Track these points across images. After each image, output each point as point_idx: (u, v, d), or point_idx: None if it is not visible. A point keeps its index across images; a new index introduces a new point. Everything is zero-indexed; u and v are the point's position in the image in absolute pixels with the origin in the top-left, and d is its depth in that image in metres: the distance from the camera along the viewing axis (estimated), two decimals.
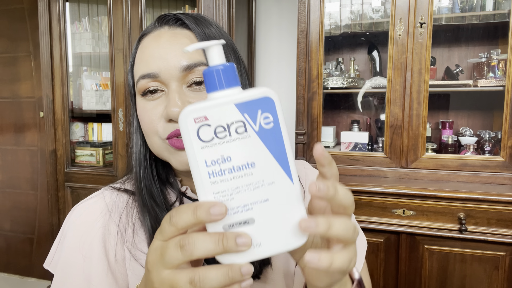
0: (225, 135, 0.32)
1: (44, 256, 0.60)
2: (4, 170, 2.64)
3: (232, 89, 0.33)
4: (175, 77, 0.52)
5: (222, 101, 0.32)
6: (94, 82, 2.16)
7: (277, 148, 0.32)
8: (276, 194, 0.32)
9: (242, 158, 0.32)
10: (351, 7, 1.78)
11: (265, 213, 0.32)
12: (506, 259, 1.35)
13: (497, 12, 1.58)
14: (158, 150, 0.55)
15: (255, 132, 0.32)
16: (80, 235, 0.57)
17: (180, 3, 2.06)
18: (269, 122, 0.32)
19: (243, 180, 0.32)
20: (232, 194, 0.32)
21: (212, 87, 0.33)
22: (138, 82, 0.54)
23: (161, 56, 0.52)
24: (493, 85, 1.53)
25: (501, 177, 1.48)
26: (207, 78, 0.33)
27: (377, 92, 1.78)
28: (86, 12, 2.19)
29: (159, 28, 0.55)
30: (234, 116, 0.31)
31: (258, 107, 0.31)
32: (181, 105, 0.51)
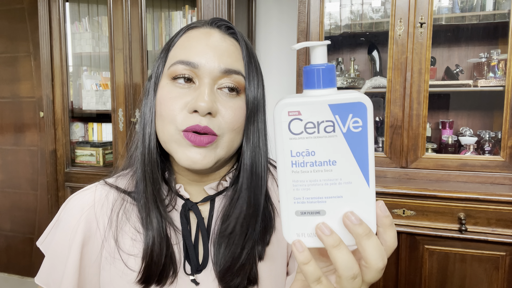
0: (314, 131, 0.34)
1: (44, 256, 0.61)
2: (4, 170, 2.64)
3: (328, 89, 0.34)
4: (212, 75, 0.53)
5: (317, 99, 0.34)
6: (94, 82, 2.16)
7: (361, 151, 0.34)
8: (351, 193, 0.34)
9: (325, 155, 0.34)
10: (351, 7, 1.78)
11: (336, 208, 0.35)
12: (506, 259, 1.35)
13: (497, 12, 1.58)
14: (168, 139, 0.54)
15: (343, 133, 0.34)
16: (67, 229, 0.59)
17: (180, 3, 2.06)
18: (358, 126, 0.33)
19: (322, 174, 0.34)
20: (309, 186, 0.35)
21: (310, 84, 0.34)
22: (174, 66, 0.54)
23: (206, 52, 0.53)
24: (493, 85, 1.53)
25: (501, 177, 1.48)
26: (307, 75, 0.35)
27: (377, 92, 1.78)
28: (86, 12, 2.19)
29: (210, 27, 0.57)
30: (326, 115, 0.33)
31: (350, 111, 0.33)
32: (209, 101, 0.51)
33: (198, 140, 0.52)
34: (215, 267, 0.56)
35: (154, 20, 2.06)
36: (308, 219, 0.35)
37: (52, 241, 0.60)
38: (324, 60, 0.35)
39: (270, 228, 0.59)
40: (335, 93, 0.34)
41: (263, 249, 0.58)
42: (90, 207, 0.60)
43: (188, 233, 0.58)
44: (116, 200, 0.61)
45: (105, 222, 0.59)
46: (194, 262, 0.57)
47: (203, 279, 0.57)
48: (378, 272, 0.34)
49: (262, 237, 0.58)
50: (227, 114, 0.54)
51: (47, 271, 0.59)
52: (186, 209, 0.59)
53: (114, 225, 0.58)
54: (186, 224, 0.59)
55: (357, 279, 0.34)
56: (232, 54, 0.55)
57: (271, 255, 0.59)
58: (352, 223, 0.34)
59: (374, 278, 0.35)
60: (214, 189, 0.60)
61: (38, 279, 0.60)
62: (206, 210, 0.61)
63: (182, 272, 0.57)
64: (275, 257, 0.60)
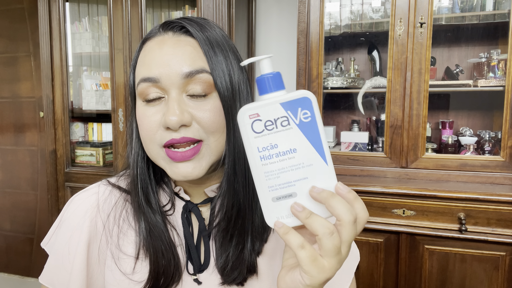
0: (273, 128, 0.40)
1: (44, 256, 0.61)
2: (4, 170, 2.64)
3: (279, 91, 0.41)
4: (176, 84, 0.51)
5: (270, 101, 0.40)
6: (94, 82, 2.16)
7: (314, 137, 0.40)
8: (313, 173, 0.40)
9: (286, 145, 0.40)
10: (351, 7, 1.78)
11: (305, 189, 0.40)
12: (506, 259, 1.35)
13: (497, 12, 1.58)
14: (155, 157, 0.55)
15: (296, 124, 0.40)
16: (72, 229, 0.59)
17: (180, 3, 2.06)
18: (307, 116, 0.39)
19: (287, 162, 0.40)
20: (279, 174, 0.40)
21: (263, 90, 0.41)
22: (139, 85, 0.53)
23: (163, 62, 0.52)
24: (493, 85, 1.54)
25: (501, 177, 1.48)
26: (259, 83, 0.41)
27: (377, 92, 1.78)
28: (86, 12, 2.19)
29: (163, 33, 0.55)
30: (280, 112, 0.40)
31: (299, 105, 0.39)
32: (180, 113, 0.50)
33: (181, 156, 0.51)
34: (215, 263, 0.57)
35: (154, 20, 2.06)
36: (283, 202, 0.41)
37: (56, 241, 0.60)
38: (270, 69, 0.41)
39: (269, 226, 0.60)
40: (284, 93, 0.40)
41: (261, 245, 0.58)
42: (94, 207, 0.60)
43: (190, 235, 0.59)
44: (117, 200, 0.61)
45: (110, 222, 0.59)
46: (196, 262, 0.58)
47: (205, 279, 0.58)
48: (351, 226, 0.38)
49: (261, 234, 0.58)
50: (204, 118, 0.52)
51: (52, 270, 0.60)
52: (187, 210, 0.60)
53: (117, 226, 0.59)
54: (188, 226, 0.59)
55: (334, 235, 0.38)
56: (190, 54, 0.52)
57: (270, 251, 0.60)
58: (316, 192, 0.39)
59: (350, 234, 0.38)
60: (214, 191, 0.60)
61: (43, 279, 0.60)
62: (206, 211, 0.61)
63: (186, 273, 0.58)
64: (274, 254, 0.60)
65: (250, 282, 0.58)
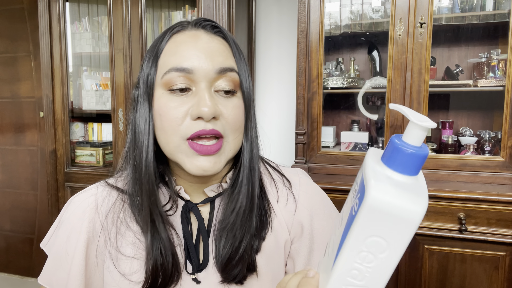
0: (355, 185, 0.35)
1: (44, 256, 0.61)
2: (4, 170, 2.64)
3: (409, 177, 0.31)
4: (208, 78, 0.53)
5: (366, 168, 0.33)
6: (94, 82, 2.16)
7: (345, 232, 0.34)
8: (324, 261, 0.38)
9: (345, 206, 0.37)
10: (351, 7, 1.78)
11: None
12: (506, 259, 1.35)
13: (497, 12, 1.58)
14: (174, 150, 0.54)
15: (352, 205, 0.34)
16: (70, 230, 0.59)
17: (180, 3, 2.06)
18: (355, 209, 0.32)
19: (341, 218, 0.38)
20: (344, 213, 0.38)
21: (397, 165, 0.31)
22: (168, 74, 0.53)
23: (197, 55, 0.53)
24: (493, 85, 1.53)
25: (501, 177, 1.48)
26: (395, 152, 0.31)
27: (377, 92, 1.78)
28: (86, 12, 2.19)
29: (195, 29, 0.56)
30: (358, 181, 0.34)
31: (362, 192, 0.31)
32: (212, 105, 0.51)
33: (205, 150, 0.52)
34: (216, 261, 0.57)
35: (154, 20, 2.06)
36: None
37: (55, 242, 0.60)
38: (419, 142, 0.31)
39: (266, 224, 0.60)
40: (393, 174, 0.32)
41: (259, 243, 0.59)
42: (92, 208, 0.60)
43: (189, 234, 0.59)
44: (115, 201, 0.61)
45: (108, 223, 0.59)
46: (195, 261, 0.58)
47: (204, 278, 0.58)
48: None
49: (259, 232, 0.59)
50: (229, 115, 0.54)
51: (51, 271, 0.60)
52: (186, 210, 0.59)
53: (115, 227, 0.59)
54: (187, 225, 0.59)
55: None
56: (223, 52, 0.55)
57: (268, 250, 0.60)
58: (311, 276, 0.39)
59: None
60: (214, 191, 0.60)
61: (41, 279, 0.60)
62: (206, 211, 0.61)
63: (184, 272, 0.58)
64: (272, 252, 0.60)
65: (250, 280, 0.58)
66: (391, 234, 0.31)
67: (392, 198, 0.30)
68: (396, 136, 0.32)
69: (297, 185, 0.66)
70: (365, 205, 0.30)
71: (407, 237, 0.31)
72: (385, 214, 0.30)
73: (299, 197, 0.64)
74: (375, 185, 0.30)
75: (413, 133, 0.31)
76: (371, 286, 0.33)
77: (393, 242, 0.31)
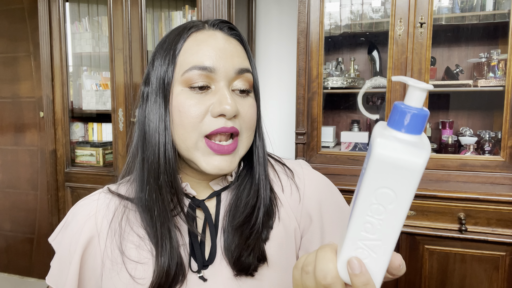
0: None
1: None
2: (4, 170, 2.64)
3: (412, 136, 0.34)
4: (228, 77, 0.55)
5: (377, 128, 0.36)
6: (94, 82, 2.16)
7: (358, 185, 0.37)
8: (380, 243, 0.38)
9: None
10: (351, 7, 1.78)
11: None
12: (506, 259, 1.35)
13: (497, 12, 1.58)
14: (191, 147, 0.54)
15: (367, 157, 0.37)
16: (72, 235, 0.60)
17: (180, 3, 2.06)
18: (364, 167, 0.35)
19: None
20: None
21: (399, 126, 0.34)
22: (189, 72, 0.54)
23: (219, 55, 0.55)
24: (493, 85, 1.53)
25: (501, 177, 1.48)
26: (399, 114, 0.34)
27: (377, 92, 1.78)
28: (86, 12, 2.19)
29: (212, 29, 0.58)
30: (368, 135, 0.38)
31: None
32: (233, 104, 0.53)
33: (223, 149, 0.54)
34: (225, 254, 0.57)
35: (154, 20, 2.06)
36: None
37: (60, 245, 0.62)
38: (420, 104, 0.34)
39: (273, 213, 0.62)
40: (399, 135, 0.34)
41: (268, 232, 0.60)
42: (92, 216, 0.60)
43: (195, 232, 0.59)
44: (117, 207, 0.61)
45: (106, 231, 0.59)
46: (200, 259, 0.58)
47: (210, 274, 0.58)
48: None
49: (266, 221, 0.60)
50: (246, 114, 0.57)
51: (56, 273, 0.61)
52: (192, 207, 0.60)
53: (118, 234, 0.59)
54: (193, 223, 0.59)
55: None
56: (240, 53, 0.58)
57: (278, 239, 0.61)
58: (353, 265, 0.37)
59: None
60: (219, 185, 0.61)
61: (49, 280, 0.62)
62: (212, 206, 0.61)
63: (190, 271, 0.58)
64: (282, 241, 0.61)
65: (261, 271, 0.58)
66: (398, 184, 0.33)
67: (396, 151, 0.33)
68: (398, 102, 0.35)
69: (300, 174, 0.67)
70: (372, 159, 0.33)
71: (412, 187, 0.33)
72: (391, 166, 0.33)
73: (304, 187, 0.65)
74: (380, 141, 0.33)
75: (413, 96, 0.34)
76: (384, 239, 0.36)
77: (400, 192, 0.34)
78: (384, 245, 0.37)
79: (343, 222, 0.63)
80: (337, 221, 0.64)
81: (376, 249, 0.37)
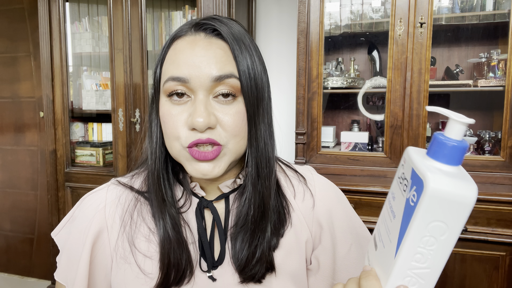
0: (400, 181, 0.40)
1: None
2: (4, 170, 2.64)
3: (444, 165, 0.36)
4: (204, 86, 0.52)
5: (413, 161, 0.37)
6: (94, 82, 2.16)
7: (405, 223, 0.37)
8: (386, 249, 0.39)
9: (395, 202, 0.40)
10: (351, 7, 1.78)
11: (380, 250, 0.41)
12: (506, 259, 1.35)
13: (497, 12, 1.58)
14: (177, 154, 0.55)
15: (406, 198, 0.37)
16: (80, 229, 0.60)
17: (180, 3, 2.06)
18: (413, 199, 0.36)
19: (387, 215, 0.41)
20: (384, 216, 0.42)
21: (443, 157, 0.36)
22: (166, 83, 0.54)
23: (194, 64, 0.52)
24: (493, 85, 1.53)
25: (501, 177, 1.48)
26: (441, 146, 0.36)
27: (377, 92, 1.78)
28: (86, 12, 2.19)
29: (195, 33, 0.55)
30: (408, 175, 0.38)
31: (417, 183, 0.36)
32: (206, 116, 0.51)
33: (203, 156, 0.52)
34: (233, 260, 0.57)
35: (154, 20, 2.06)
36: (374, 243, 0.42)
37: (68, 239, 0.61)
38: (460, 136, 0.37)
39: (285, 221, 0.61)
40: (440, 166, 0.36)
41: (278, 240, 0.59)
42: (101, 208, 0.61)
43: (204, 231, 0.59)
44: (130, 200, 0.61)
45: (117, 224, 0.59)
46: (209, 259, 0.58)
47: (219, 275, 0.58)
48: None
49: (277, 230, 0.59)
50: (229, 121, 0.53)
51: (65, 268, 0.61)
52: (201, 207, 0.60)
53: (128, 227, 0.59)
54: (202, 222, 0.59)
55: None
56: (221, 58, 0.53)
57: (287, 246, 0.60)
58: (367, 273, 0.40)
59: None
60: (229, 187, 0.61)
61: (57, 275, 0.61)
62: (221, 208, 0.61)
63: (199, 269, 0.58)
64: (292, 248, 0.61)
65: (269, 279, 0.58)
66: (451, 217, 0.36)
67: (448, 186, 0.35)
68: (439, 133, 0.37)
69: (311, 181, 0.67)
70: (426, 195, 0.34)
71: (464, 218, 0.36)
72: (444, 201, 0.35)
73: (315, 193, 0.65)
74: (432, 176, 0.34)
75: (454, 128, 0.36)
76: (433, 267, 0.37)
77: (452, 224, 0.36)
78: (432, 272, 0.38)
79: (352, 230, 0.64)
80: (347, 229, 0.64)
81: (424, 276, 0.38)
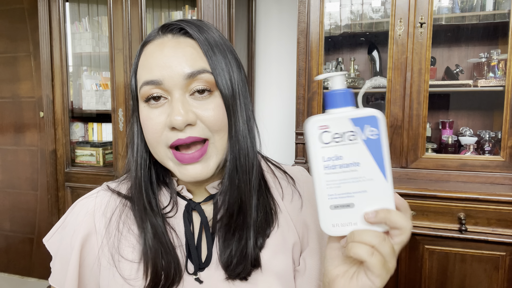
0: (340, 140, 0.43)
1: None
2: (4, 170, 2.64)
3: (348, 107, 0.44)
4: (179, 85, 0.52)
5: (340, 115, 0.43)
6: (94, 82, 2.16)
7: (378, 154, 0.42)
8: (373, 188, 0.43)
9: (351, 158, 0.43)
10: (351, 7, 1.78)
11: (362, 201, 0.43)
12: (506, 259, 1.35)
13: (497, 12, 1.58)
14: (163, 158, 0.55)
15: (363, 140, 0.42)
16: (71, 234, 0.60)
17: (180, 3, 2.06)
18: (374, 134, 0.42)
19: (349, 174, 0.43)
20: (340, 184, 0.43)
21: (333, 104, 0.44)
22: (142, 88, 0.54)
23: (164, 64, 0.52)
24: (493, 85, 1.53)
25: (501, 177, 1.48)
26: (330, 98, 0.44)
27: (377, 92, 1.78)
28: (86, 12, 2.19)
29: (163, 36, 0.55)
30: (348, 127, 0.43)
31: (367, 122, 0.42)
32: (184, 113, 0.51)
33: (189, 158, 0.52)
34: (220, 259, 0.57)
35: (154, 20, 2.06)
36: (340, 212, 0.44)
37: (61, 245, 0.62)
38: (342, 85, 0.45)
39: (272, 222, 0.60)
40: (353, 110, 0.43)
41: (264, 240, 0.59)
42: (91, 213, 0.61)
43: (191, 234, 0.59)
44: (116, 206, 0.61)
45: (108, 227, 0.60)
46: (196, 261, 0.58)
47: (206, 277, 0.58)
48: (409, 231, 0.43)
49: (264, 230, 0.59)
50: (209, 116, 0.53)
51: (58, 272, 0.61)
52: (189, 209, 0.60)
53: (115, 233, 0.59)
54: (189, 225, 0.59)
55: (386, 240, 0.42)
56: (191, 55, 0.53)
57: (273, 246, 0.60)
58: (372, 217, 0.43)
59: (407, 238, 0.43)
60: (216, 188, 0.60)
61: (52, 280, 0.62)
62: (209, 209, 0.61)
63: (186, 273, 0.58)
64: (278, 249, 0.60)
65: (254, 276, 0.58)
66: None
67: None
68: (332, 90, 0.45)
69: (301, 182, 0.66)
70: (382, 121, 0.42)
71: None
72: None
73: (304, 194, 0.65)
74: (373, 109, 0.42)
75: (337, 82, 0.45)
76: None
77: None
78: None
79: None
80: None
81: None
